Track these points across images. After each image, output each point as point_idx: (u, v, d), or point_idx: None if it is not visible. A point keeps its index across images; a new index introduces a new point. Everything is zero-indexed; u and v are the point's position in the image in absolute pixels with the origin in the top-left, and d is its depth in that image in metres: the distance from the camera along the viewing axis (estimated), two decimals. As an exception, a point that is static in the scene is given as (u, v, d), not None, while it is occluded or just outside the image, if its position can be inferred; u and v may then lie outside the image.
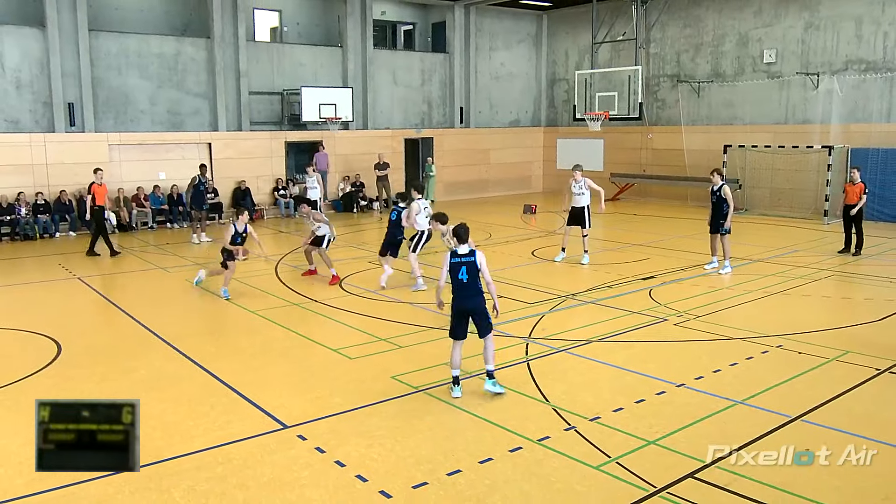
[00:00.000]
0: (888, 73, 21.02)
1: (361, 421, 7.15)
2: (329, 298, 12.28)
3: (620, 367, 8.66)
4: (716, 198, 13.80)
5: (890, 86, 21.04)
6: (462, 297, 7.76)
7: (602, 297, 12.09)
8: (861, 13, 21.46)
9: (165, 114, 22.28)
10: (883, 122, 21.19)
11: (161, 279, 14.44)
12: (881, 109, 21.29)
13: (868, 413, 7.23)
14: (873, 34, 21.29)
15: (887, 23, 20.98)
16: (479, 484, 5.86)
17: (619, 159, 27.62)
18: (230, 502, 5.64)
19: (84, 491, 5.67)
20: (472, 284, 7.74)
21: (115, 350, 9.72)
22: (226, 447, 6.54)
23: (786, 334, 9.82)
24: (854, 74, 21.69)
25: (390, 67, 27.03)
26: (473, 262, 7.73)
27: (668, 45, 26.38)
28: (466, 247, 7.86)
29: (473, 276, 7.74)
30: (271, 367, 8.94)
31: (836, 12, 21.98)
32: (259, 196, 23.48)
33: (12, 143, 19.62)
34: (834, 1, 21.99)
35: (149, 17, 22.66)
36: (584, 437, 6.69)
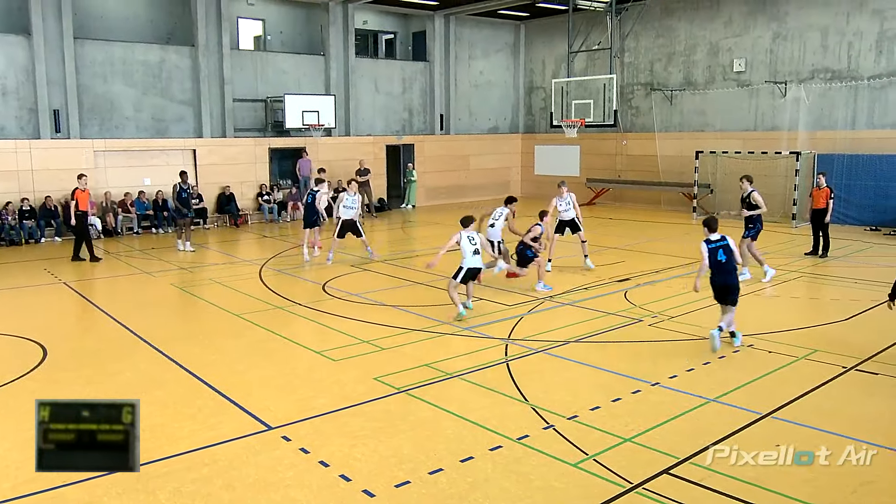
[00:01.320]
0: (852, 82, 21.32)
1: (345, 422, 7.13)
2: (312, 301, 12.23)
3: (597, 367, 8.70)
4: (746, 205, 13.50)
5: (854, 94, 21.34)
6: (719, 274, 9.15)
7: (579, 299, 12.14)
8: (826, 24, 21.76)
9: (150, 120, 22.10)
10: (848, 128, 21.48)
11: (146, 283, 14.31)
12: (846, 117, 21.59)
13: (836, 409, 7.31)
14: (838, 44, 21.59)
15: (851, 33, 21.29)
16: (460, 482, 5.86)
17: (594, 165, 27.78)
18: (216, 503, 5.59)
19: (71, 493, 5.60)
20: (727, 263, 9.11)
21: (101, 354, 9.61)
22: (211, 448, 6.49)
23: (756, 334, 9.91)
24: (820, 83, 21.97)
25: (372, 75, 27.01)
26: (727, 244, 9.15)
27: (642, 54, 26.59)
28: (717, 234, 9.20)
29: (729, 256, 9.11)
30: (256, 370, 8.89)
31: (802, 23, 22.27)
32: (243, 202, 23.35)
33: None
34: (800, 12, 22.29)
35: (133, 26, 22.48)
36: (562, 435, 6.71)
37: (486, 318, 10.99)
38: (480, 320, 10.84)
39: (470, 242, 10.81)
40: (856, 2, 21.13)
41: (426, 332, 10.29)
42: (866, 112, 21.18)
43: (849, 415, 7.19)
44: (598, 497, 5.59)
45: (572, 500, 5.60)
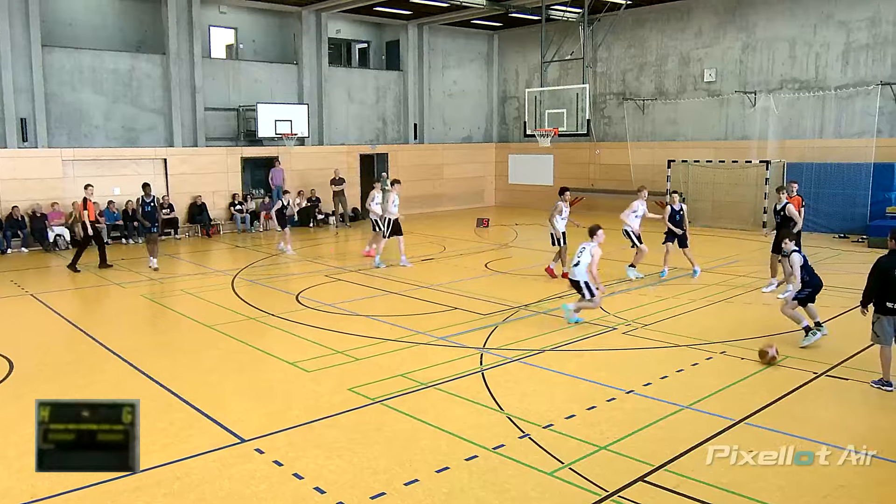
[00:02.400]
0: (820, 92, 21.72)
1: (319, 433, 7.07)
2: (285, 312, 12.14)
3: (572, 376, 8.73)
4: (780, 217, 13.37)
5: (822, 104, 21.74)
6: None
7: (554, 308, 12.18)
8: (794, 35, 22.16)
9: (120, 129, 21.84)
10: (816, 137, 21.86)
11: (116, 295, 14.11)
12: (814, 126, 21.97)
13: (807, 415, 7.41)
14: (805, 55, 21.99)
15: (818, 45, 21.70)
16: (436, 492, 5.84)
17: (568, 174, 27.94)
18: (188, 517, 5.52)
19: None
20: None
21: (70, 367, 9.45)
22: (183, 462, 6.40)
23: (729, 341, 10.02)
24: (788, 93, 22.36)
25: (345, 85, 26.97)
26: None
27: (614, 64, 26.87)
28: None
29: None
30: (228, 382, 8.79)
31: (771, 34, 22.66)
32: (215, 211, 23.15)
33: (-38, 159, 19.04)
34: (769, 24, 22.68)
35: (103, 34, 22.25)
36: (537, 444, 6.72)
37: (461, 327, 10.99)
38: (455, 330, 10.84)
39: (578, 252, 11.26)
40: (822, 14, 21.56)
41: (401, 342, 10.26)
42: (833, 121, 21.58)
43: (820, 420, 7.29)
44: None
45: (548, 509, 5.60)
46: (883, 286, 7.86)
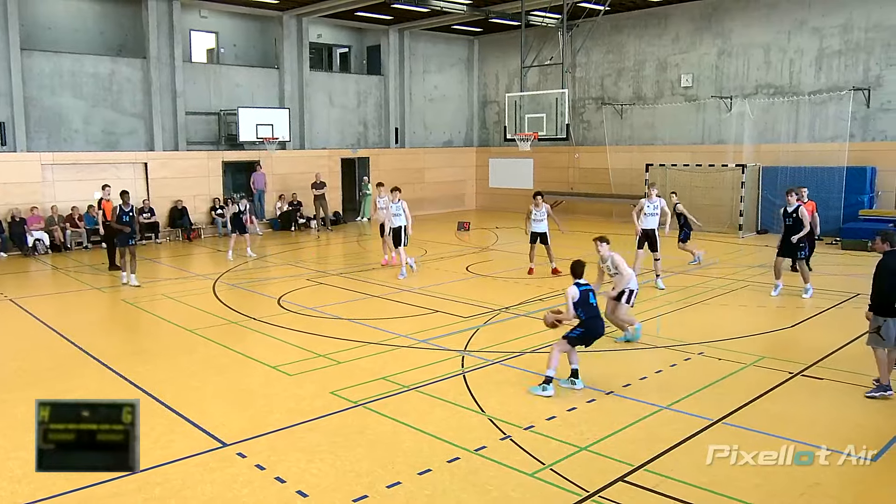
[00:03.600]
0: (794, 97, 21.97)
1: (301, 437, 7.03)
2: (267, 316, 12.07)
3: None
4: (791, 220, 12.94)
5: (796, 109, 21.99)
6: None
7: (534, 310, 12.20)
8: (769, 42, 22.41)
9: (100, 133, 21.62)
10: (790, 142, 22.10)
11: (96, 299, 13.95)
12: (788, 131, 22.22)
13: (783, 414, 7.47)
14: (780, 61, 22.25)
15: (792, 51, 21.96)
16: (418, 495, 5.82)
17: (548, 178, 28.06)
18: (169, 522, 5.46)
19: None
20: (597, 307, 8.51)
21: (49, 372, 9.32)
22: (165, 467, 6.33)
23: (706, 342, 10.09)
24: (763, 98, 22.59)
25: (326, 89, 26.90)
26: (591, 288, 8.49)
27: (593, 69, 27.02)
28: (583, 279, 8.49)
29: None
30: (210, 386, 8.72)
31: (746, 41, 22.90)
32: (196, 215, 22.98)
33: (-61, 164, 18.76)
34: (744, 30, 22.92)
35: (83, 38, 22.03)
36: (519, 445, 6.72)
37: (442, 330, 10.98)
38: (437, 332, 10.83)
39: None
40: (796, 21, 21.82)
41: (382, 345, 10.23)
42: (807, 126, 21.83)
43: (797, 418, 7.35)
44: (555, 506, 5.60)
45: (530, 510, 5.60)
46: (891, 288, 7.62)
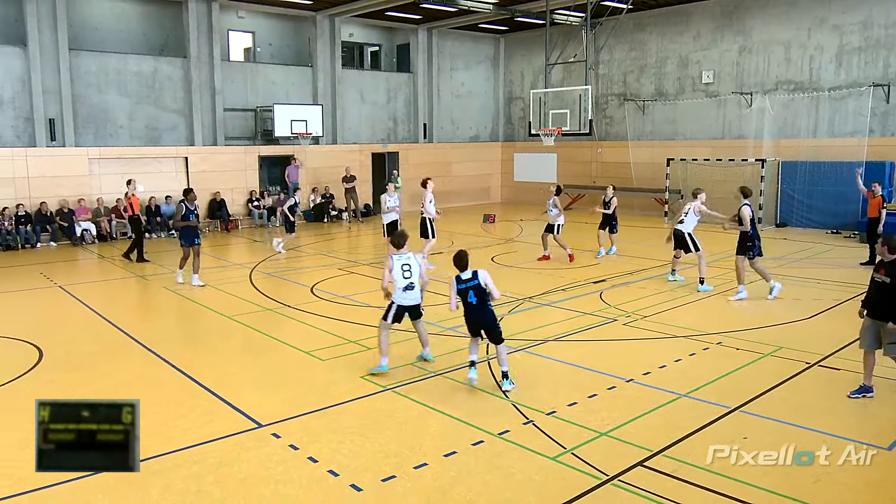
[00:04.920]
0: (814, 93, 21.56)
1: (332, 419, 7.09)
2: (301, 303, 12.17)
3: (574, 365, 8.72)
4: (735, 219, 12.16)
5: (815, 104, 21.58)
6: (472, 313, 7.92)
7: (556, 300, 12.16)
8: (789, 38, 22.00)
9: (143, 129, 21.91)
10: (810, 137, 21.71)
11: (140, 286, 14.17)
12: (808, 126, 21.83)
13: (800, 403, 7.38)
14: (800, 57, 21.83)
15: (813, 47, 21.54)
16: (444, 476, 5.85)
17: (571, 172, 27.88)
18: (206, 499, 5.54)
19: (66, 490, 5.53)
20: (479, 305, 7.85)
21: (96, 355, 9.50)
22: (203, 446, 6.43)
23: (725, 332, 9.98)
24: (784, 94, 22.20)
25: (358, 86, 26.96)
26: (477, 283, 7.84)
27: (616, 66, 26.75)
28: (469, 271, 7.90)
29: (481, 296, 7.83)
30: (247, 370, 8.83)
31: (767, 37, 22.50)
32: (234, 207, 23.21)
33: (-6, 158, 19.15)
34: (765, 27, 22.52)
35: (127, 37, 22.29)
36: (541, 430, 6.71)
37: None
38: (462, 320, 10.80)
39: (403, 272, 8.38)
40: (817, 18, 21.39)
41: (410, 332, 10.23)
42: (827, 121, 21.43)
43: (813, 408, 7.25)
44: (576, 489, 5.60)
45: (551, 492, 5.60)
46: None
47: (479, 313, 7.86)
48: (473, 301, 7.83)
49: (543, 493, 5.59)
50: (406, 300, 8.45)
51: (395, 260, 8.35)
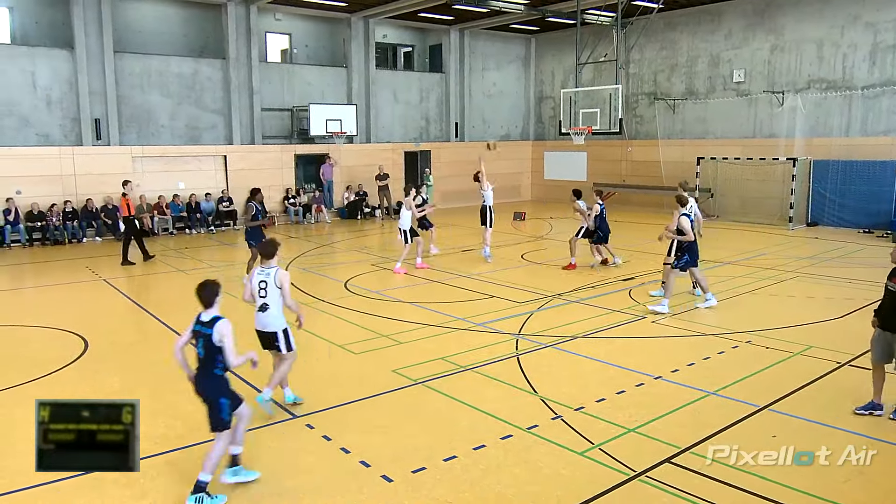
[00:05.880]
0: (847, 92, 21.09)
1: (364, 411, 7.14)
2: (335, 298, 12.26)
3: (603, 361, 8.66)
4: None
5: (848, 103, 21.11)
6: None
7: (586, 297, 12.09)
8: (822, 37, 21.54)
9: (184, 128, 22.26)
10: (842, 136, 21.25)
11: (180, 280, 14.40)
12: (840, 125, 21.36)
13: (830, 403, 7.23)
14: (833, 56, 21.37)
15: (846, 45, 21.06)
16: (473, 469, 5.85)
17: (601, 170, 27.65)
18: (243, 486, 5.62)
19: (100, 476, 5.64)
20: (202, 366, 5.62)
21: (139, 346, 9.70)
22: (240, 435, 6.51)
23: (754, 331, 9.83)
24: (816, 93, 21.75)
25: (391, 86, 27.05)
26: (210, 335, 5.60)
27: (646, 65, 26.45)
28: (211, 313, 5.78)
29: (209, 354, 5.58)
30: (282, 362, 8.91)
31: (799, 36, 22.06)
32: (270, 204, 23.41)
33: (43, 156, 19.59)
34: (797, 25, 22.08)
35: (169, 40, 22.65)
36: (569, 425, 6.69)
37: (498, 314, 10.97)
38: (493, 317, 10.83)
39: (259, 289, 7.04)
40: (850, 16, 20.90)
41: (441, 327, 10.29)
42: (860, 120, 20.95)
43: (842, 408, 7.10)
44: (604, 484, 5.57)
45: (579, 486, 5.58)
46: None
47: (200, 377, 5.60)
48: (200, 355, 5.61)
49: (571, 487, 5.56)
50: (258, 324, 7.13)
51: (255, 273, 7.06)
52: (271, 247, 7.05)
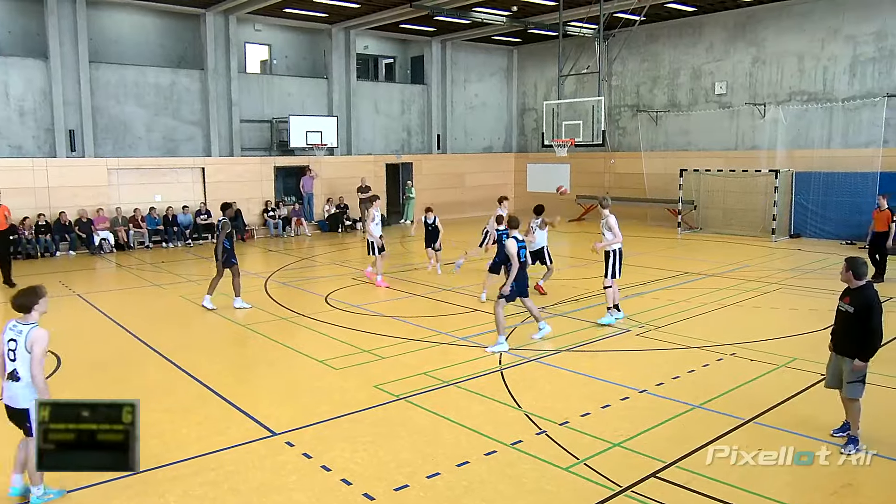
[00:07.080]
0: (827, 104, 21.44)
1: (346, 428, 7.09)
2: (315, 313, 12.20)
3: (587, 375, 8.68)
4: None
5: (829, 115, 21.46)
6: None
7: (569, 310, 12.12)
8: (802, 49, 21.91)
9: (161, 140, 22.13)
10: (823, 147, 21.58)
11: (157, 295, 14.26)
12: (821, 136, 21.69)
13: (813, 415, 7.30)
14: (814, 68, 21.73)
15: (826, 58, 21.43)
16: (456, 485, 5.83)
17: (584, 182, 27.80)
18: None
19: (82, 497, 5.56)
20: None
21: (113, 363, 9.56)
22: (218, 454, 6.45)
23: (739, 343, 9.91)
24: (797, 105, 22.10)
25: (372, 98, 27.11)
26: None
27: (629, 77, 26.73)
28: None
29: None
30: (261, 378, 8.85)
31: (780, 49, 22.42)
32: (249, 217, 23.34)
33: (16, 168, 19.35)
34: (778, 38, 22.44)
35: (146, 50, 22.55)
36: (554, 440, 6.68)
37: (482, 328, 10.97)
38: (476, 330, 10.82)
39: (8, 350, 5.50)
40: (830, 29, 21.29)
41: (424, 341, 10.26)
42: (841, 132, 21.29)
43: (828, 420, 7.16)
44: (589, 500, 5.56)
45: (564, 502, 5.57)
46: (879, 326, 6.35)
47: None
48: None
49: (556, 503, 5.55)
50: (5, 397, 5.46)
51: (6, 329, 5.51)
52: (30, 296, 5.53)
